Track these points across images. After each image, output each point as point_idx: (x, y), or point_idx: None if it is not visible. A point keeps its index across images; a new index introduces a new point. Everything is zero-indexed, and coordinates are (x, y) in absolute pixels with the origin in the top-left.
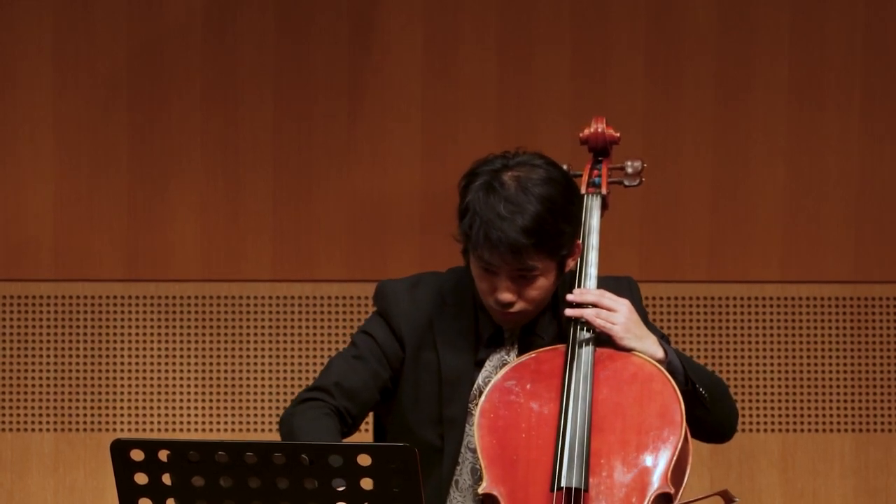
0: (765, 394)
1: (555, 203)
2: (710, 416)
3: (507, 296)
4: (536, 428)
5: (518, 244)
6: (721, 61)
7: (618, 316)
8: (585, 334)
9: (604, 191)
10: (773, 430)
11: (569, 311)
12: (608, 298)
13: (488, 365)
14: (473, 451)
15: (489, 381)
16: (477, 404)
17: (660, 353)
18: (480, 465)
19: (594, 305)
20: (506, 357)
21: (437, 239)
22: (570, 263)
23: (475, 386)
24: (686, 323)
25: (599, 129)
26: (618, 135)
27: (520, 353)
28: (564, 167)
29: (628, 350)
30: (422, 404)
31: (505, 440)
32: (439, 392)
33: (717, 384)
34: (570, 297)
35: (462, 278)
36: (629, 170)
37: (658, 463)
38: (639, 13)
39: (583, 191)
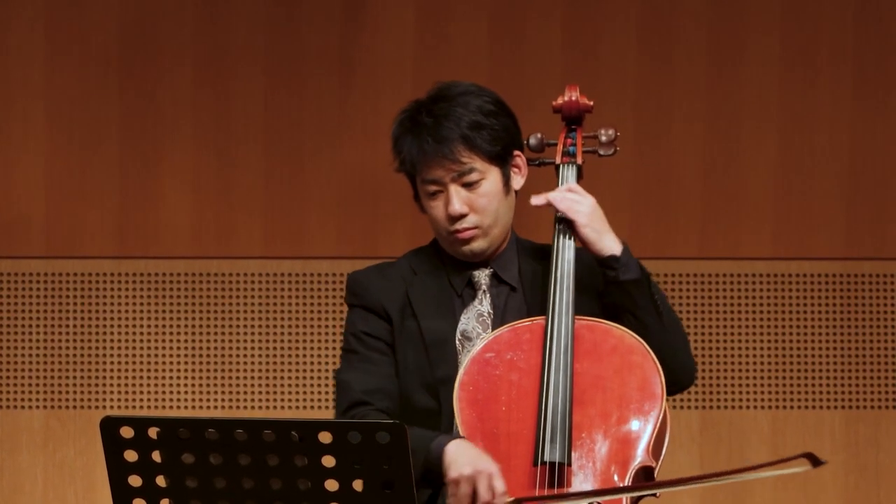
0: (755, 370)
1: (473, 102)
2: (660, 326)
3: (457, 206)
4: (517, 401)
5: (448, 138)
6: (713, 35)
7: (582, 205)
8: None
9: (579, 160)
10: (763, 407)
11: (534, 199)
12: (575, 191)
13: (463, 318)
14: None
15: (466, 331)
16: (467, 353)
17: (617, 249)
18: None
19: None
20: (479, 307)
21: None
22: (515, 176)
23: (457, 340)
24: (677, 299)
25: (573, 98)
26: (591, 103)
27: (492, 303)
28: (538, 136)
29: (587, 241)
30: (413, 371)
31: (485, 413)
32: (427, 356)
33: (671, 310)
34: (533, 197)
35: (427, 250)
36: (603, 138)
37: (640, 436)
38: None
39: (557, 160)
